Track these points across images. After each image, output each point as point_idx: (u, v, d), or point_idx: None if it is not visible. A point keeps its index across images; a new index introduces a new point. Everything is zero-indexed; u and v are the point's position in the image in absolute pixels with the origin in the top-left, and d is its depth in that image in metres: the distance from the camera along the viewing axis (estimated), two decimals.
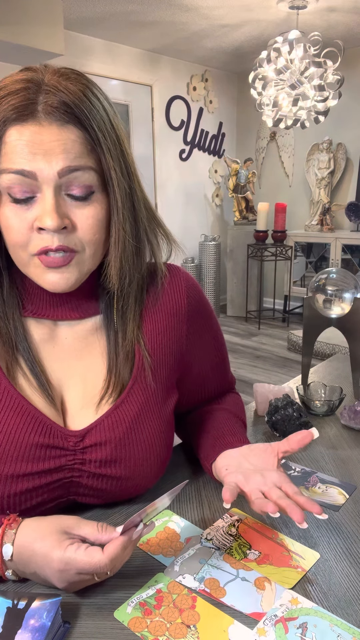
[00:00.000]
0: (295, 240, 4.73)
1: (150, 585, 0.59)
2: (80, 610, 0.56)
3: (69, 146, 0.58)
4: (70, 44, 3.65)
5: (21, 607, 0.52)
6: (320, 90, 3.11)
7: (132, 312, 0.72)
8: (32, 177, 0.58)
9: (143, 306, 0.74)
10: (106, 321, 0.72)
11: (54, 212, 0.58)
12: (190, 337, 0.78)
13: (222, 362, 0.88)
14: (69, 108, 0.58)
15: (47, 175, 0.58)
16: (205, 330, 0.81)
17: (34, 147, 0.57)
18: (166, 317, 0.75)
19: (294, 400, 0.96)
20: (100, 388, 0.70)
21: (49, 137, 0.57)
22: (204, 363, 0.83)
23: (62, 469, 0.66)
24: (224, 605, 0.57)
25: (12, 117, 0.57)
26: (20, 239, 0.60)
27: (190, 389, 0.83)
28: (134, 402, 0.70)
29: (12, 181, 0.58)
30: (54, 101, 0.57)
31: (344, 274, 1.09)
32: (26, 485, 0.64)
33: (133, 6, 3.26)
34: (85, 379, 0.70)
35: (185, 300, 0.77)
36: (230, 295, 5.08)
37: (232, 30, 3.78)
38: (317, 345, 3.47)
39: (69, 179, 0.59)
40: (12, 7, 2.56)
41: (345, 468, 0.85)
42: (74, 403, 0.69)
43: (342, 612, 0.56)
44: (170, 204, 4.82)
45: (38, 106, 0.57)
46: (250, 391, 3.13)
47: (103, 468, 0.67)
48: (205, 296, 0.82)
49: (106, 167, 0.62)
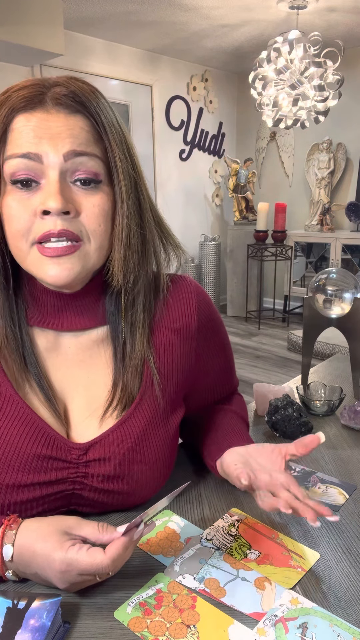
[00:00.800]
0: (295, 240, 4.73)
1: (150, 585, 0.59)
2: (80, 610, 0.56)
3: (75, 132, 0.59)
4: (70, 44, 3.65)
5: (21, 607, 0.52)
6: (320, 90, 3.11)
7: (140, 323, 0.70)
8: (38, 160, 0.58)
9: (152, 317, 0.72)
10: (113, 332, 0.70)
11: (58, 194, 0.58)
12: (199, 352, 0.77)
13: (229, 370, 0.87)
14: (77, 96, 0.59)
15: (53, 158, 0.58)
16: (214, 343, 0.80)
17: (40, 132, 0.58)
18: (175, 332, 0.73)
19: (294, 400, 0.96)
20: (104, 400, 0.69)
21: (56, 123, 0.58)
22: (211, 374, 0.82)
23: (64, 482, 0.65)
24: (224, 605, 0.57)
25: (20, 106, 0.58)
26: (23, 225, 0.59)
27: (197, 398, 0.82)
28: (140, 418, 0.69)
29: (18, 166, 0.58)
30: (62, 90, 0.59)
31: (344, 274, 1.09)
32: (27, 496, 0.63)
33: (133, 6, 3.26)
34: (89, 390, 0.69)
35: (195, 317, 0.75)
36: (230, 295, 5.08)
37: (232, 30, 3.78)
38: (317, 345, 3.47)
39: (74, 163, 0.59)
40: (12, 7, 2.56)
41: (345, 468, 0.85)
42: (78, 414, 0.68)
43: (342, 612, 0.56)
44: (170, 204, 4.82)
45: (47, 96, 0.59)
46: (250, 391, 3.12)
47: (106, 483, 0.67)
48: (216, 309, 0.80)
49: (111, 156, 0.62)
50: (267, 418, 0.96)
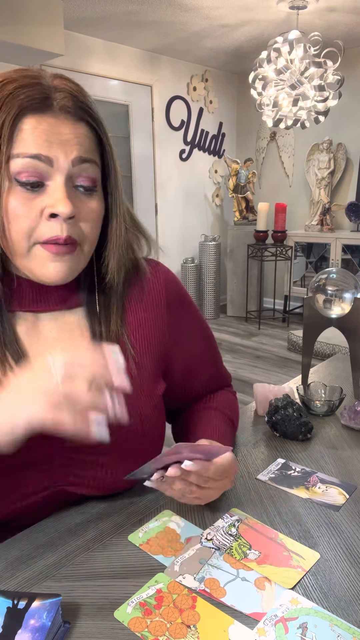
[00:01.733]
0: (295, 240, 4.73)
1: (150, 585, 0.59)
2: (80, 610, 0.56)
3: (82, 140, 0.62)
4: (70, 44, 3.65)
5: (21, 607, 0.52)
6: (320, 91, 3.11)
7: (114, 304, 0.73)
8: (48, 163, 0.60)
9: (126, 298, 0.76)
10: (89, 313, 0.73)
11: (66, 199, 0.61)
12: (172, 326, 0.80)
13: (211, 355, 0.88)
14: (81, 107, 0.62)
15: (62, 162, 0.61)
16: (187, 320, 0.83)
17: (51, 136, 0.60)
18: (148, 309, 0.77)
19: (294, 400, 0.96)
20: None
21: (65, 130, 0.61)
22: (190, 353, 0.84)
23: (51, 456, 0.67)
24: (224, 605, 0.57)
25: (29, 106, 0.59)
26: (28, 225, 0.61)
27: (179, 380, 0.83)
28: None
29: (25, 166, 0.59)
30: (69, 99, 0.62)
31: (344, 274, 1.09)
32: (15, 472, 0.64)
33: (133, 6, 3.26)
34: None
35: (164, 292, 0.79)
36: (230, 295, 5.07)
37: (232, 30, 3.78)
38: (317, 345, 3.47)
39: (79, 169, 0.62)
40: (12, 7, 2.55)
41: (345, 468, 0.85)
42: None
43: (342, 612, 0.56)
44: (170, 204, 4.82)
45: (54, 102, 0.61)
46: (250, 391, 3.12)
47: (93, 455, 0.68)
48: (185, 288, 0.85)
49: (109, 161, 0.67)
50: (267, 418, 0.96)
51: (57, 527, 0.69)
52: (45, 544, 0.66)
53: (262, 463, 0.86)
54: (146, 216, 4.66)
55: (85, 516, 0.71)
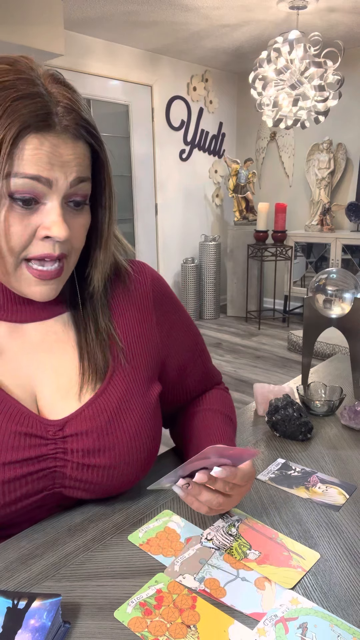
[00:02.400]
0: (295, 241, 4.73)
1: (150, 585, 0.59)
2: (80, 610, 0.56)
3: (81, 160, 0.62)
4: (70, 44, 3.65)
5: (21, 607, 0.52)
6: (320, 91, 3.11)
7: (99, 302, 0.74)
8: (47, 185, 0.59)
9: (109, 296, 0.76)
10: (74, 316, 0.73)
11: (63, 223, 0.61)
12: (162, 326, 0.80)
13: (200, 354, 0.88)
14: (81, 126, 0.62)
15: (62, 184, 0.60)
16: (174, 319, 0.83)
17: (53, 158, 0.59)
18: (135, 310, 0.77)
19: (294, 400, 0.96)
20: (77, 378, 0.71)
21: (66, 151, 0.60)
22: (180, 352, 0.84)
23: (45, 459, 0.66)
24: (224, 605, 0.57)
25: (31, 124, 0.57)
26: (20, 243, 0.61)
27: (171, 382, 0.83)
28: (115, 391, 0.71)
29: (23, 186, 0.58)
30: (69, 116, 0.60)
31: (344, 274, 1.09)
32: (9, 474, 0.64)
33: (133, 6, 3.26)
34: (59, 372, 0.71)
35: (150, 293, 0.80)
36: (231, 296, 5.07)
37: (232, 30, 3.78)
38: (317, 345, 3.47)
39: (76, 188, 0.62)
40: (12, 7, 2.56)
41: (345, 468, 0.85)
42: (49, 396, 0.70)
43: (342, 612, 0.56)
44: (170, 204, 4.82)
45: (55, 118, 0.59)
46: (250, 391, 3.12)
47: (87, 458, 0.67)
48: (172, 290, 0.85)
49: (105, 175, 0.67)
50: (267, 418, 0.96)
51: (57, 527, 0.69)
52: (45, 544, 0.66)
53: (262, 463, 0.86)
54: (146, 216, 4.67)
55: (85, 516, 0.71)
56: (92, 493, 0.71)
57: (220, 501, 0.63)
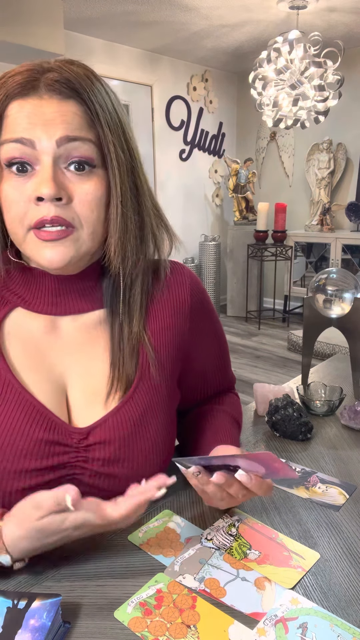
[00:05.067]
0: (295, 240, 4.73)
1: (150, 585, 0.59)
2: (80, 610, 0.56)
3: (69, 118, 0.59)
4: (70, 44, 3.65)
5: (21, 607, 0.52)
6: (320, 90, 3.11)
7: (137, 304, 0.71)
8: (31, 146, 0.59)
9: (149, 300, 0.73)
10: (110, 314, 0.71)
11: (50, 181, 0.59)
12: (193, 333, 0.78)
13: (224, 360, 0.88)
14: (70, 83, 0.60)
15: (46, 144, 0.59)
16: (207, 327, 0.81)
17: (34, 118, 0.58)
18: (170, 314, 0.75)
19: (294, 400, 0.96)
20: (105, 383, 0.69)
21: (49, 109, 0.59)
22: (205, 360, 0.83)
23: (65, 466, 0.66)
24: (224, 605, 0.57)
25: (14, 92, 0.59)
26: (19, 211, 0.61)
27: (191, 386, 0.83)
28: (140, 401, 0.69)
29: (12, 151, 0.59)
30: (55, 76, 0.59)
31: (344, 274, 1.09)
32: (29, 482, 0.63)
33: (133, 6, 3.26)
34: (89, 372, 0.70)
35: (189, 297, 0.77)
36: (230, 295, 5.07)
37: (232, 30, 3.78)
38: (317, 345, 3.47)
39: (67, 149, 0.60)
40: (12, 7, 2.55)
41: (345, 468, 0.85)
42: (79, 398, 0.69)
43: (342, 612, 0.56)
44: (170, 204, 4.82)
45: (40, 82, 0.59)
46: (250, 391, 3.12)
47: (106, 467, 0.67)
48: (207, 294, 0.83)
49: (104, 141, 0.62)
50: (267, 418, 0.96)
51: None
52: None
53: None
54: None
55: None
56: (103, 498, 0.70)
57: (223, 496, 0.63)
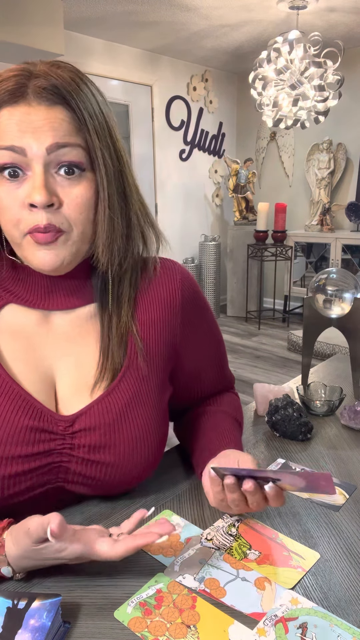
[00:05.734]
0: (295, 240, 4.73)
1: (150, 585, 0.59)
2: (80, 610, 0.56)
3: (56, 125, 0.61)
4: (70, 44, 3.65)
5: (21, 607, 0.52)
6: (320, 91, 3.11)
7: (126, 296, 0.73)
8: (22, 153, 0.60)
9: (137, 291, 0.75)
10: (101, 307, 0.73)
11: (42, 188, 0.60)
12: (185, 328, 0.79)
13: (219, 357, 0.88)
14: (57, 89, 0.61)
15: (36, 151, 0.60)
16: (199, 322, 0.82)
17: (23, 126, 0.60)
18: (160, 308, 0.76)
19: (294, 400, 0.96)
20: (93, 374, 0.71)
21: (38, 117, 0.60)
22: (199, 356, 0.83)
23: (51, 453, 0.67)
24: (224, 605, 0.57)
25: (3, 99, 0.60)
26: (13, 217, 0.62)
27: (185, 382, 0.83)
28: (126, 389, 0.71)
29: (3, 157, 0.60)
30: (42, 84, 0.60)
31: (344, 274, 1.09)
32: (15, 469, 0.64)
33: (133, 6, 3.26)
34: (79, 364, 0.71)
35: (179, 292, 0.78)
36: (230, 295, 5.07)
37: (232, 30, 3.78)
38: (317, 345, 3.47)
39: (57, 155, 0.61)
40: (12, 7, 2.55)
41: (345, 468, 0.85)
42: (67, 388, 0.70)
43: (342, 612, 0.56)
44: (170, 204, 4.82)
45: (28, 89, 0.60)
46: (250, 391, 3.12)
47: (92, 454, 0.68)
48: (201, 290, 0.83)
49: (92, 146, 0.63)
50: (267, 418, 0.96)
51: None
52: None
53: (262, 463, 0.86)
54: None
55: (85, 516, 0.71)
56: (93, 489, 0.71)
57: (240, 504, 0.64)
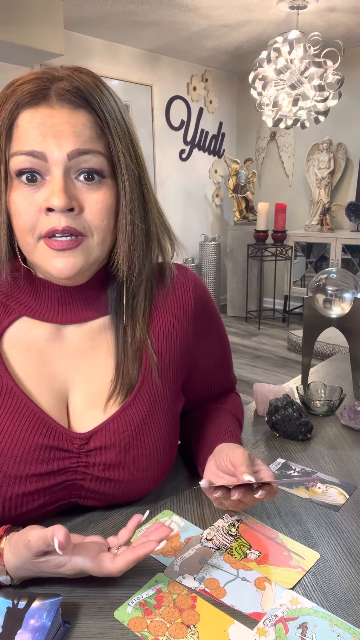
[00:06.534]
0: (295, 240, 4.73)
1: (150, 585, 0.59)
2: (80, 610, 0.56)
3: (79, 129, 0.59)
4: (70, 44, 3.65)
5: (21, 607, 0.52)
6: (320, 90, 3.11)
7: (141, 309, 0.71)
8: (42, 158, 0.59)
9: (152, 304, 0.73)
10: (115, 320, 0.71)
11: (61, 192, 0.58)
12: (197, 337, 0.78)
13: (226, 362, 0.88)
14: (81, 92, 0.59)
15: (57, 157, 0.59)
16: (211, 330, 0.81)
17: (45, 129, 0.58)
18: (173, 317, 0.75)
19: (294, 400, 0.96)
20: (108, 388, 0.69)
21: (60, 120, 0.58)
22: (208, 363, 0.83)
23: (66, 472, 0.66)
24: (224, 605, 0.57)
25: (25, 101, 0.58)
26: (29, 221, 0.60)
27: (194, 388, 0.83)
28: (141, 405, 0.69)
29: (23, 163, 0.59)
30: (66, 86, 0.59)
31: (344, 274, 1.09)
32: (29, 487, 0.63)
33: (133, 6, 3.26)
34: (92, 378, 0.69)
35: (192, 301, 0.76)
36: (230, 295, 5.07)
37: (232, 30, 3.78)
38: (317, 345, 3.47)
39: (78, 161, 0.60)
40: (12, 7, 2.55)
41: (345, 468, 0.85)
42: (80, 403, 0.69)
43: (342, 612, 0.56)
44: (170, 204, 4.82)
45: (51, 91, 0.59)
46: (250, 391, 3.12)
47: (107, 472, 0.67)
48: (211, 297, 0.82)
49: (114, 151, 0.62)
50: (267, 418, 0.96)
51: None
52: None
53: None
54: None
55: (85, 516, 0.71)
56: (105, 502, 0.71)
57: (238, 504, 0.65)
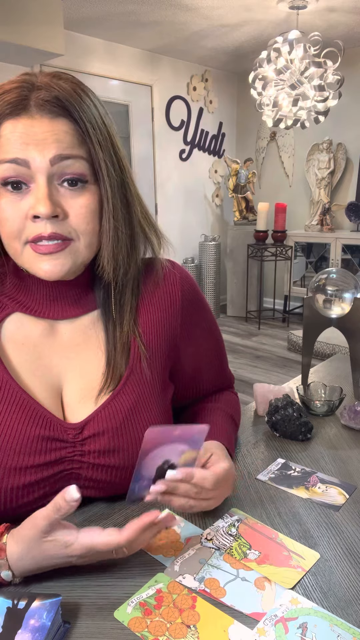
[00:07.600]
0: (295, 240, 4.73)
1: (150, 585, 0.59)
2: (80, 610, 0.56)
3: (60, 137, 0.61)
4: (70, 44, 3.65)
5: (21, 607, 0.52)
6: (320, 90, 3.11)
7: (128, 304, 0.74)
8: (25, 165, 0.60)
9: (139, 298, 0.76)
10: (104, 314, 0.73)
11: (46, 199, 0.60)
12: (185, 328, 0.79)
13: (218, 356, 0.88)
14: (60, 101, 0.61)
15: (40, 164, 0.60)
16: (199, 322, 0.82)
17: (27, 138, 0.60)
18: (161, 310, 0.77)
19: (294, 400, 0.96)
20: (99, 381, 0.71)
21: (41, 129, 0.60)
22: (199, 355, 0.84)
23: (63, 461, 0.67)
24: (224, 605, 0.57)
25: (6, 112, 0.60)
26: (15, 227, 0.62)
27: (184, 382, 0.84)
28: (130, 393, 0.71)
29: (7, 171, 0.60)
30: (45, 96, 0.60)
31: (344, 274, 1.09)
32: (28, 479, 0.65)
33: (133, 6, 3.26)
34: (84, 372, 0.72)
35: (179, 293, 0.79)
36: (230, 295, 5.07)
37: (232, 30, 3.78)
38: (317, 345, 3.47)
39: (60, 167, 0.61)
40: (12, 7, 2.55)
41: (345, 468, 0.85)
42: (73, 396, 0.71)
43: (342, 612, 0.56)
44: (170, 204, 4.82)
45: (30, 101, 0.60)
46: (250, 391, 3.12)
47: (102, 458, 0.68)
48: (200, 290, 0.84)
49: (95, 158, 0.64)
50: (267, 418, 0.96)
51: None
52: None
53: (262, 463, 0.86)
54: None
55: (85, 516, 0.71)
56: (103, 492, 0.71)
57: (192, 504, 0.64)
